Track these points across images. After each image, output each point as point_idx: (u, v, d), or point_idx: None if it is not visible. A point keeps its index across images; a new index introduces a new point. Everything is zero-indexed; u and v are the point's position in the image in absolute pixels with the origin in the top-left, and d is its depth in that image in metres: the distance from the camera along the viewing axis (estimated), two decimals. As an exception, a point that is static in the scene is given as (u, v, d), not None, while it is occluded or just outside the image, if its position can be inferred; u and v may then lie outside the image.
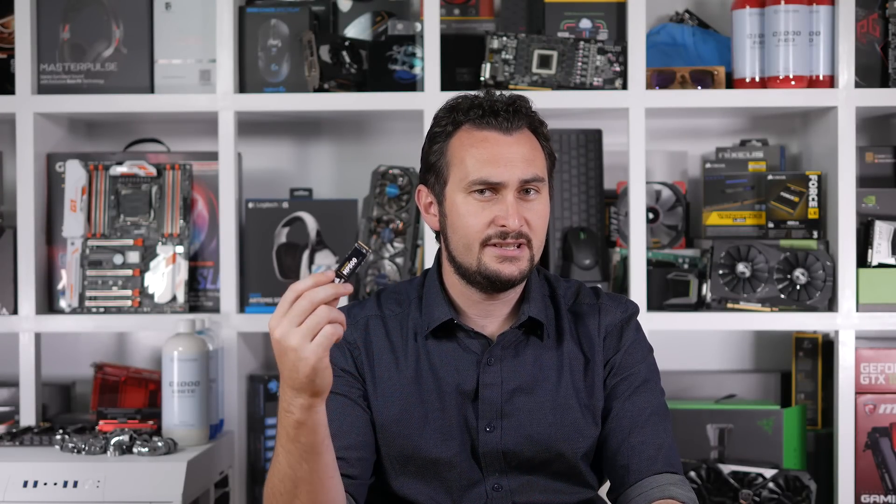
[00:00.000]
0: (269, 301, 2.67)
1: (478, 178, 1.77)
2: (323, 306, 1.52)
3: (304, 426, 1.60)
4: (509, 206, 1.76)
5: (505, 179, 1.77)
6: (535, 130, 1.83)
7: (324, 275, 1.54)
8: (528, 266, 1.79)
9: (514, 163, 1.77)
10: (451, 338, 1.85)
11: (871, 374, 2.61)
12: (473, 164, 1.78)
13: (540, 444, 1.82)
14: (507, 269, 1.78)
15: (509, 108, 1.80)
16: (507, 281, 1.78)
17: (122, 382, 2.79)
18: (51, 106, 2.68)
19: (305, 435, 1.60)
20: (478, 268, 1.78)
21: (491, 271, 1.78)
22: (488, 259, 1.78)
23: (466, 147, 1.79)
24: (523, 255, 1.78)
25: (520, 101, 1.82)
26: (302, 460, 1.62)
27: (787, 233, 2.67)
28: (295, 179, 2.93)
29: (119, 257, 2.68)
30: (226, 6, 2.64)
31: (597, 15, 2.71)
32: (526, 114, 1.82)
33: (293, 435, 1.61)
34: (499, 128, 1.79)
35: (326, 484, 1.65)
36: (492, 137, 1.79)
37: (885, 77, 2.65)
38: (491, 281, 1.79)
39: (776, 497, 2.53)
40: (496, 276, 1.78)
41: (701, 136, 2.92)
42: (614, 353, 1.87)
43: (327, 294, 1.52)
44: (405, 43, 2.69)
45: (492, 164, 1.77)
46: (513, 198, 1.77)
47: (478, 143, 1.79)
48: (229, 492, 2.58)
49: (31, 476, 2.23)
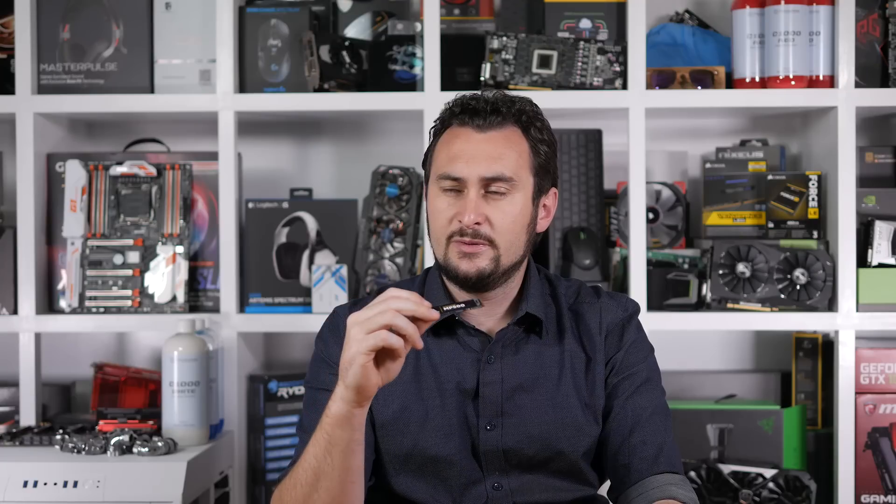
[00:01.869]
0: (269, 301, 2.67)
1: (443, 172, 1.80)
2: (393, 312, 1.55)
3: (339, 419, 1.61)
4: (468, 203, 1.78)
5: (464, 175, 1.78)
6: (526, 131, 1.83)
7: (420, 296, 1.58)
8: (490, 266, 1.79)
9: (477, 159, 1.78)
10: (452, 335, 1.86)
11: (871, 374, 2.61)
12: (443, 159, 1.81)
13: (540, 442, 1.82)
14: (465, 265, 1.79)
15: (488, 107, 1.81)
16: (465, 278, 1.79)
17: (122, 382, 2.79)
18: (51, 106, 2.68)
19: (339, 429, 1.61)
20: (444, 262, 1.81)
21: (452, 267, 1.80)
22: (452, 254, 1.80)
23: (443, 144, 1.83)
24: (483, 254, 1.79)
25: (504, 100, 1.82)
26: (327, 453, 1.63)
27: (787, 233, 2.67)
28: (295, 179, 2.93)
29: (119, 257, 2.68)
30: (226, 6, 2.64)
31: (597, 15, 2.71)
32: (509, 113, 1.81)
33: (327, 425, 1.62)
34: (472, 125, 1.81)
35: (347, 487, 1.65)
36: (464, 134, 1.81)
37: (885, 77, 2.65)
38: (453, 277, 1.81)
39: (776, 497, 2.53)
40: (455, 271, 1.80)
41: (701, 136, 2.92)
42: (615, 351, 1.87)
43: (404, 305, 1.56)
44: (405, 43, 2.69)
45: (457, 159, 1.79)
46: (474, 194, 1.78)
47: (452, 139, 1.82)
48: (229, 492, 2.58)
49: (31, 476, 2.23)
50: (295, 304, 2.68)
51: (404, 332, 1.55)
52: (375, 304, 1.57)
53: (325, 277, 2.63)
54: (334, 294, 2.62)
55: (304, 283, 2.68)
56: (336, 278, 2.63)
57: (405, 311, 1.55)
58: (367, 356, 1.55)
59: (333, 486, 1.64)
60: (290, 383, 2.72)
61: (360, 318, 1.57)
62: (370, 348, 1.55)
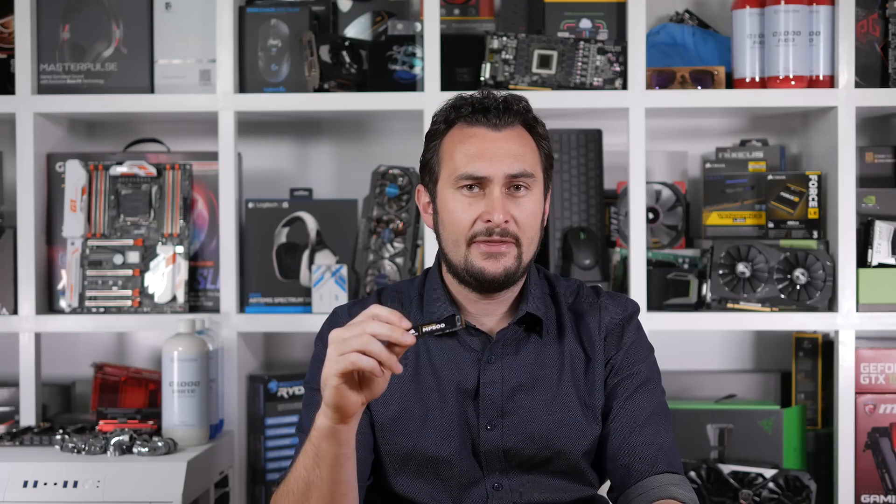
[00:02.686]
0: (268, 301, 2.67)
1: (464, 172, 1.78)
2: (367, 336, 1.52)
3: (324, 433, 1.60)
4: (495, 201, 1.77)
5: (490, 174, 1.78)
6: (531, 129, 1.83)
7: (401, 317, 1.54)
8: (514, 265, 1.79)
9: (501, 157, 1.78)
10: (452, 335, 1.85)
11: (871, 374, 2.61)
12: (461, 159, 1.79)
13: (541, 441, 1.82)
14: (492, 266, 1.78)
15: (500, 106, 1.81)
16: (492, 280, 1.78)
17: (122, 382, 2.79)
18: (51, 106, 2.68)
19: (325, 443, 1.61)
20: (465, 266, 1.79)
21: (476, 269, 1.78)
22: (474, 257, 1.78)
23: (456, 143, 1.81)
24: (509, 253, 1.78)
25: (512, 99, 1.83)
26: (316, 465, 1.63)
27: (787, 233, 2.67)
28: (295, 179, 2.93)
29: (119, 257, 2.68)
30: (226, 6, 2.64)
31: (597, 15, 2.71)
32: (518, 111, 1.82)
33: (314, 437, 1.62)
34: (488, 124, 1.80)
35: (338, 499, 1.65)
36: (480, 133, 1.80)
37: (885, 77, 2.65)
38: (477, 279, 1.79)
39: (776, 497, 2.53)
40: (481, 273, 1.78)
41: (701, 136, 2.92)
42: (615, 352, 1.87)
43: (380, 330, 1.52)
44: (405, 43, 2.69)
45: (478, 158, 1.78)
46: (499, 193, 1.77)
47: (467, 139, 1.80)
48: (229, 492, 2.58)
49: (31, 476, 2.23)
50: (295, 304, 2.68)
51: (378, 357, 1.53)
52: (354, 325, 1.55)
53: (325, 277, 2.63)
54: (334, 294, 2.62)
55: (304, 283, 2.68)
56: (336, 278, 2.63)
57: (380, 335, 1.52)
58: (338, 378, 1.54)
59: (324, 497, 1.64)
60: (290, 383, 2.72)
61: (336, 339, 1.55)
62: (341, 371, 1.53)
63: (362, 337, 1.52)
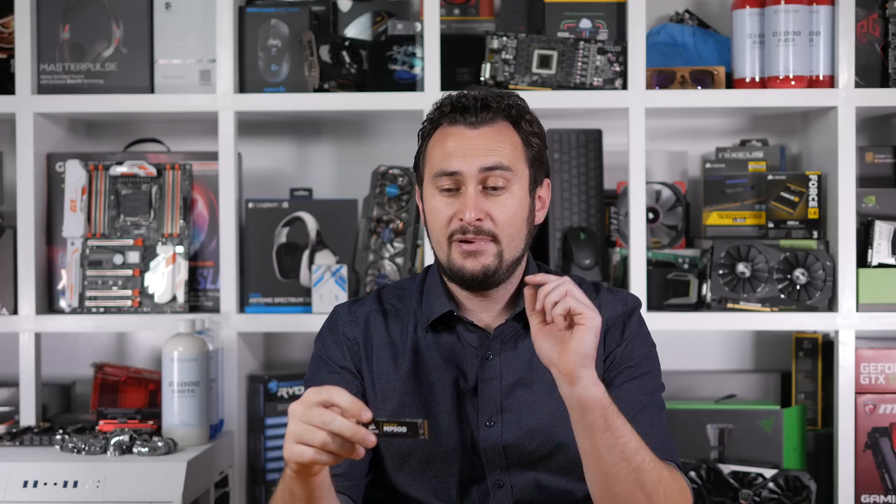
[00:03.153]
0: (269, 301, 2.67)
1: (439, 169, 1.80)
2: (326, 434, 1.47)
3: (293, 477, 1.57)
4: (468, 199, 1.77)
5: (462, 168, 1.78)
6: (516, 124, 1.83)
7: (363, 408, 1.48)
8: (494, 262, 1.79)
9: (474, 152, 1.79)
10: (451, 332, 1.86)
11: (871, 374, 2.61)
12: (438, 157, 1.81)
13: (540, 435, 1.82)
14: (471, 264, 1.78)
15: (478, 104, 1.81)
16: (472, 277, 1.79)
17: (122, 382, 2.79)
18: (51, 106, 2.68)
19: (296, 484, 1.59)
20: (448, 264, 1.81)
21: (457, 267, 1.79)
22: (455, 255, 1.80)
23: (436, 143, 1.83)
24: (487, 250, 1.78)
25: (492, 96, 1.82)
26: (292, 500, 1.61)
27: (787, 233, 2.67)
28: (295, 179, 2.93)
29: (119, 257, 2.68)
30: (226, 6, 2.64)
31: (597, 15, 2.71)
32: (500, 108, 1.82)
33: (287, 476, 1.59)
34: (465, 122, 1.81)
35: None
36: (458, 132, 1.81)
37: (885, 77, 2.65)
38: (458, 277, 1.80)
39: (776, 497, 2.53)
40: (461, 271, 1.79)
41: (701, 136, 2.92)
42: (615, 346, 1.87)
43: (343, 427, 1.47)
44: (405, 43, 2.69)
45: (453, 155, 1.79)
46: (473, 191, 1.78)
47: (445, 137, 1.81)
48: (229, 492, 2.58)
49: (31, 476, 2.23)
50: (295, 304, 2.68)
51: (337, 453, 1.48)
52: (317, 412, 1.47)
53: (325, 277, 2.63)
54: (334, 294, 2.62)
55: (304, 283, 2.68)
56: (336, 278, 2.63)
57: (342, 434, 1.47)
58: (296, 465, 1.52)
59: None
60: (290, 383, 2.72)
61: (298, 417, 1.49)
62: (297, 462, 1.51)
63: (321, 434, 1.47)
